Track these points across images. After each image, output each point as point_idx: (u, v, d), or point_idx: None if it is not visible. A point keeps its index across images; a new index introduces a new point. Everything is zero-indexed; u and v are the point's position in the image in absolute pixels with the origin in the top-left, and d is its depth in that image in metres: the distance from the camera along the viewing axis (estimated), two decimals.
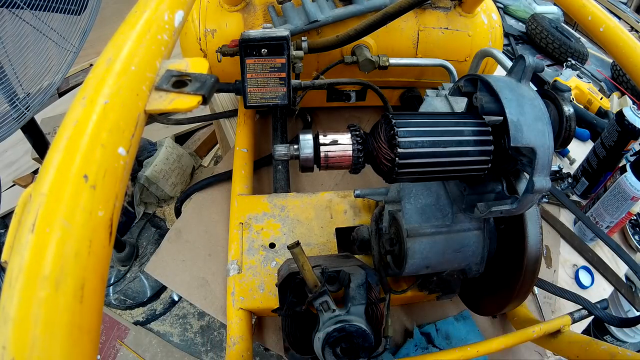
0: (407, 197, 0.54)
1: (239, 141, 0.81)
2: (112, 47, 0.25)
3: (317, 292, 0.45)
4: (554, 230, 0.93)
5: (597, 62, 1.51)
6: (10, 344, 0.18)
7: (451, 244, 0.53)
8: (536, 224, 0.52)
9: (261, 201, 0.71)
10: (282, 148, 0.43)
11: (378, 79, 0.82)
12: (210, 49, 0.76)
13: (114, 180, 0.22)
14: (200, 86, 0.26)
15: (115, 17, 1.61)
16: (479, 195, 0.47)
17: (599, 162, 0.93)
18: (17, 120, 0.86)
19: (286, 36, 0.63)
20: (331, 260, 0.55)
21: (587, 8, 0.53)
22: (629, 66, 0.49)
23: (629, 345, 1.29)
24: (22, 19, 0.82)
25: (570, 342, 0.61)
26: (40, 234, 0.19)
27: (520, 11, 1.63)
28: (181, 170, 1.84)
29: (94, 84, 0.23)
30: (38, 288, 0.18)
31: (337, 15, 0.75)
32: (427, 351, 0.69)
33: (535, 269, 0.52)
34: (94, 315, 0.20)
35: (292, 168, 0.82)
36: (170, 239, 0.75)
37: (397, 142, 0.40)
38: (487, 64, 0.83)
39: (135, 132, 0.24)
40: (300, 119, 0.95)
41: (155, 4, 0.28)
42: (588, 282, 0.85)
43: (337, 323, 0.45)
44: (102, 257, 0.21)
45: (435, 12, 0.81)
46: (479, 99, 0.44)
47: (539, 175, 0.38)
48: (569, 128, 0.45)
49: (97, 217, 0.21)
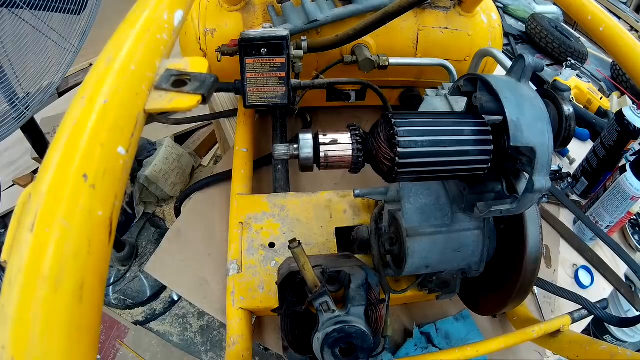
0: (406, 197, 0.54)
1: (239, 141, 0.80)
2: (112, 47, 0.25)
3: (317, 292, 0.45)
4: (554, 230, 0.93)
5: (597, 61, 1.51)
6: (10, 343, 0.18)
7: (451, 244, 0.53)
8: (536, 224, 0.52)
9: (261, 201, 0.71)
10: (281, 148, 0.43)
11: (378, 78, 0.82)
12: (210, 49, 0.76)
13: (113, 180, 0.22)
14: (200, 85, 0.26)
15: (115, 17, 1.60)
16: (478, 195, 0.47)
17: (598, 161, 0.93)
18: (16, 119, 0.86)
19: (286, 36, 0.63)
20: (331, 260, 0.55)
21: (587, 8, 0.53)
22: (629, 66, 0.49)
23: (629, 345, 1.29)
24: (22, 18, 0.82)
25: (570, 342, 0.61)
26: (39, 234, 0.19)
27: (520, 11, 1.63)
28: (181, 170, 1.84)
29: (94, 83, 0.23)
30: (37, 287, 0.18)
31: (336, 14, 0.75)
32: (427, 351, 0.69)
33: (535, 269, 0.52)
34: (93, 315, 0.20)
35: (292, 168, 0.82)
36: (170, 239, 0.75)
37: (397, 141, 0.40)
38: (486, 64, 0.83)
39: (135, 132, 0.24)
40: (299, 119, 0.95)
41: (155, 3, 0.28)
42: (588, 281, 0.85)
43: (336, 324, 0.45)
44: (102, 257, 0.21)
45: (434, 12, 0.81)
46: (478, 98, 0.44)
47: (538, 175, 0.38)
48: (568, 128, 0.45)
49: (96, 216, 0.21)
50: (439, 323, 0.72)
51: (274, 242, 0.67)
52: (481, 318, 0.75)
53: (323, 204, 0.71)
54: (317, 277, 0.45)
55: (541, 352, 0.74)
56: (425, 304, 0.75)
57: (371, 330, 0.47)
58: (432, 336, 0.70)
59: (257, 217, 0.69)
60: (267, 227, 0.68)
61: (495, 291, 0.58)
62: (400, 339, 0.71)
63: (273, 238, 0.67)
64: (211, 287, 0.69)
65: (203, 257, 0.73)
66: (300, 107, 0.81)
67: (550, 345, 0.63)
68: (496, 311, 0.59)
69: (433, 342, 0.70)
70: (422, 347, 0.70)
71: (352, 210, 0.72)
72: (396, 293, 0.63)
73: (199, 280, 0.70)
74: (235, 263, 0.65)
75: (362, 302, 0.48)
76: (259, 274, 0.64)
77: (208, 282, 0.70)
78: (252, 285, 0.63)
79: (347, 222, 0.70)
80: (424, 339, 0.70)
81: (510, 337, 0.59)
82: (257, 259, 0.65)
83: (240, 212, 0.69)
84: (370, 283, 0.50)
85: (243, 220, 0.69)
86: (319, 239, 0.68)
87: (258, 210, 0.70)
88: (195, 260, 0.72)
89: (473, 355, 0.55)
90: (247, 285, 0.63)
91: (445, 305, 0.76)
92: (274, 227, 0.68)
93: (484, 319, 0.76)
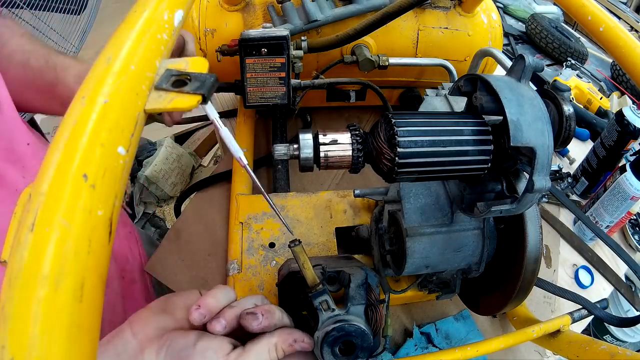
0: (406, 197, 0.54)
1: (239, 141, 0.81)
2: (112, 47, 0.25)
3: (317, 290, 0.45)
4: (554, 229, 0.93)
5: (597, 62, 1.51)
6: (10, 343, 0.18)
7: (451, 244, 0.53)
8: (536, 224, 0.52)
9: (261, 201, 0.71)
10: (281, 148, 0.43)
11: (378, 78, 0.82)
12: (210, 49, 0.76)
13: (113, 180, 0.22)
14: (200, 85, 0.26)
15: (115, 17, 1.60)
16: (478, 194, 0.47)
17: (598, 161, 0.93)
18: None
19: (286, 36, 0.63)
20: (332, 260, 0.55)
21: (587, 8, 0.53)
22: (629, 66, 0.49)
23: (629, 345, 1.29)
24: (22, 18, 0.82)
25: (570, 342, 0.61)
26: (39, 233, 0.19)
27: (520, 11, 1.63)
28: (181, 170, 1.84)
29: (94, 83, 0.23)
30: (37, 287, 0.18)
31: (336, 14, 0.75)
32: (427, 351, 0.69)
33: (535, 269, 0.52)
34: (93, 315, 0.20)
35: (292, 168, 0.82)
36: (170, 239, 0.75)
37: (397, 141, 0.40)
38: (486, 64, 0.83)
39: (135, 132, 0.24)
40: (299, 119, 0.95)
41: (155, 3, 0.28)
42: (588, 281, 0.85)
43: (336, 322, 0.45)
44: (102, 256, 0.21)
45: (434, 12, 0.81)
46: (478, 98, 0.44)
47: (538, 174, 0.38)
48: (568, 128, 0.44)
49: (96, 216, 0.21)
50: (439, 323, 0.72)
51: (274, 242, 0.67)
52: (481, 318, 0.75)
53: (323, 204, 0.71)
54: (317, 276, 0.46)
55: (541, 352, 0.75)
56: (425, 304, 0.75)
57: (371, 329, 0.47)
58: (432, 336, 0.70)
59: (257, 217, 0.69)
60: (267, 227, 0.68)
61: (495, 291, 0.58)
62: (400, 339, 0.71)
63: (273, 238, 0.67)
64: (211, 287, 0.69)
65: (203, 257, 0.73)
66: (300, 107, 0.81)
67: (550, 345, 0.63)
68: (496, 311, 0.59)
69: (433, 342, 0.70)
70: (422, 347, 0.70)
71: (352, 210, 0.72)
72: (396, 293, 0.63)
73: (199, 280, 0.70)
74: (235, 263, 0.65)
75: (362, 302, 0.48)
76: (259, 274, 0.64)
77: (208, 282, 0.70)
78: (252, 285, 0.63)
79: (347, 222, 0.70)
80: (424, 339, 0.70)
81: (510, 337, 0.59)
82: (257, 259, 0.65)
83: (240, 212, 0.69)
84: (370, 283, 0.50)
85: (243, 220, 0.69)
86: (319, 239, 0.68)
87: (258, 210, 0.70)
88: (195, 260, 0.72)
89: (473, 355, 0.55)
90: (247, 285, 0.63)
91: (445, 305, 0.76)
92: (274, 227, 0.68)
93: (484, 319, 0.76)
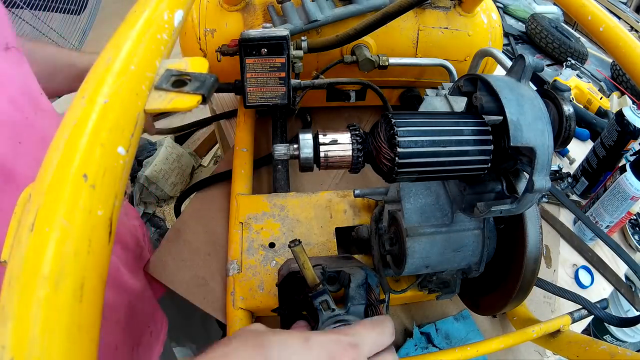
0: (406, 197, 0.54)
1: (239, 141, 0.81)
2: (112, 47, 0.25)
3: (317, 291, 0.45)
4: (554, 229, 0.93)
5: (597, 61, 1.51)
6: (10, 343, 0.18)
7: (451, 244, 0.53)
8: (536, 224, 0.52)
9: (261, 201, 0.71)
10: (281, 148, 0.43)
11: (378, 78, 0.82)
12: (210, 49, 0.76)
13: (113, 180, 0.22)
14: (200, 85, 0.26)
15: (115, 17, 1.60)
16: (478, 194, 0.47)
17: (598, 161, 0.93)
18: None
19: (286, 36, 0.63)
20: (331, 260, 0.55)
21: (587, 8, 0.53)
22: (629, 66, 0.49)
23: (629, 345, 1.29)
24: (22, 19, 0.82)
25: (570, 342, 0.61)
26: (39, 233, 0.19)
27: (520, 11, 1.63)
28: (181, 170, 1.84)
29: (94, 83, 0.23)
30: (37, 287, 0.18)
31: (336, 14, 0.75)
32: (427, 351, 0.69)
33: (535, 269, 0.52)
34: (93, 315, 0.20)
35: (292, 168, 0.82)
36: (170, 239, 0.75)
37: (397, 141, 0.40)
38: (486, 64, 0.83)
39: (135, 132, 0.24)
40: (299, 119, 0.95)
41: (155, 3, 0.28)
42: (588, 281, 0.85)
43: (336, 322, 0.45)
44: (102, 257, 0.21)
45: (434, 12, 0.81)
46: (478, 98, 0.44)
47: (538, 174, 0.38)
48: (568, 128, 0.44)
49: (96, 216, 0.21)
50: (439, 323, 0.72)
51: (274, 242, 0.67)
52: (481, 318, 0.75)
53: (323, 204, 0.71)
54: (317, 276, 0.46)
55: (541, 352, 0.75)
56: (425, 304, 0.75)
57: None
58: (432, 336, 0.70)
59: (257, 217, 0.69)
60: (267, 227, 0.68)
61: (495, 291, 0.58)
62: (400, 339, 0.71)
63: (273, 238, 0.67)
64: (211, 287, 0.69)
65: (203, 257, 0.73)
66: (300, 107, 0.81)
67: (550, 345, 0.63)
68: (496, 311, 0.59)
69: (433, 342, 0.70)
70: (422, 347, 0.70)
71: (352, 210, 0.72)
72: (396, 293, 0.63)
73: (199, 280, 0.70)
74: (235, 263, 0.65)
75: (362, 301, 0.48)
76: (259, 274, 0.64)
77: (208, 282, 0.70)
78: (252, 285, 0.63)
79: (347, 222, 0.70)
80: (424, 339, 0.70)
81: (510, 337, 0.59)
82: (257, 259, 0.65)
83: (240, 212, 0.69)
84: (370, 283, 0.50)
85: (243, 220, 0.69)
86: (319, 239, 0.68)
87: (258, 210, 0.70)
88: (195, 260, 0.72)
89: (473, 355, 0.55)
90: (247, 285, 0.63)
91: (445, 305, 0.76)
92: (274, 227, 0.68)
93: (484, 319, 0.76)
